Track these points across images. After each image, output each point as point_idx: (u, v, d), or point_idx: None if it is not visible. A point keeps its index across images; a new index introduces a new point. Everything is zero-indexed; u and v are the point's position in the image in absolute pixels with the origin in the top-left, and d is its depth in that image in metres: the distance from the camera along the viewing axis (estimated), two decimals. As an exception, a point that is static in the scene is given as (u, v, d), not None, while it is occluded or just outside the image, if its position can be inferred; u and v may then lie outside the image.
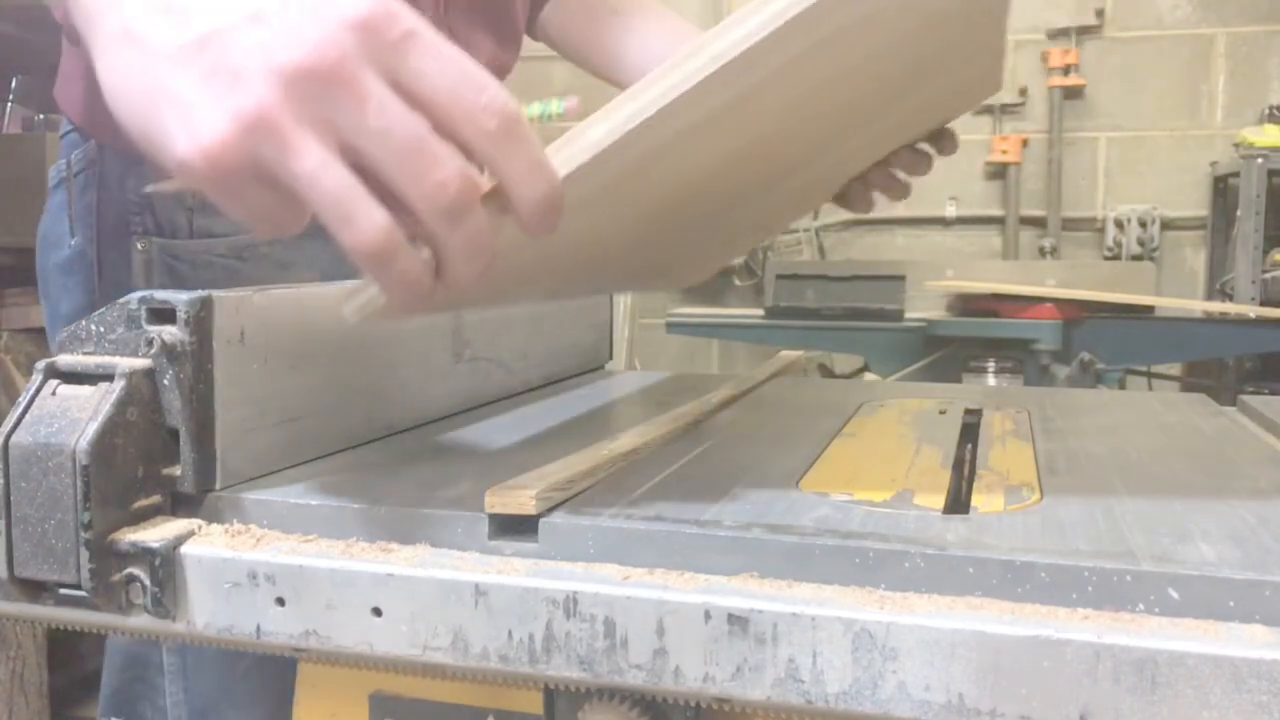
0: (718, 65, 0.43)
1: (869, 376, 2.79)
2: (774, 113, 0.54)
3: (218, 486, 0.49)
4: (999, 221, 3.99)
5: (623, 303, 3.88)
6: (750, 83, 0.47)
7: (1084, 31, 3.85)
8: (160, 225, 0.81)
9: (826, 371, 3.28)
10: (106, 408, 0.45)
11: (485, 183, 0.42)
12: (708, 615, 0.39)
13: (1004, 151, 3.92)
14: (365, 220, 0.40)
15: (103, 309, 0.48)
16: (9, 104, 2.45)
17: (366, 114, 0.39)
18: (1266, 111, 3.48)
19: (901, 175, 0.84)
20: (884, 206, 0.95)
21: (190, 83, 0.40)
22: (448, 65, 0.40)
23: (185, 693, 0.82)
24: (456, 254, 0.42)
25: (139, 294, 0.48)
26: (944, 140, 0.82)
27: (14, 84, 2.46)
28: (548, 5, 1.05)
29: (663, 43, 0.99)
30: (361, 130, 0.39)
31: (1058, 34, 3.87)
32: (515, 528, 0.45)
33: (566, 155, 0.43)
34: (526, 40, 1.00)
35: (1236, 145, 3.41)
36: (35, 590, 0.45)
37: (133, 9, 0.42)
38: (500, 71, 0.96)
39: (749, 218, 0.79)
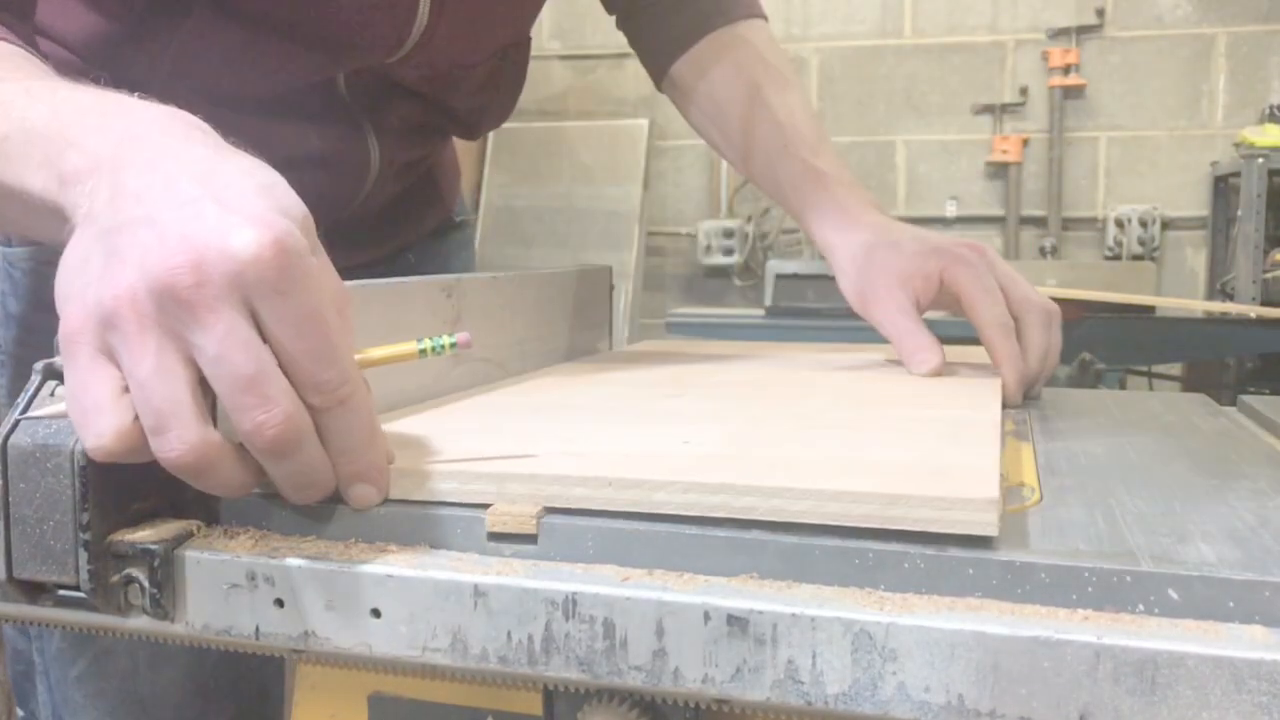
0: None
1: (869, 376, 2.78)
2: None
3: (217, 487, 0.49)
4: (999, 221, 4.00)
5: (623, 303, 3.88)
6: None
7: (1084, 31, 3.86)
8: None
9: (827, 371, 3.28)
10: (105, 408, 0.44)
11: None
12: (707, 616, 0.39)
13: (1004, 151, 3.92)
14: (175, 437, 0.41)
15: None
16: None
17: (209, 339, 0.41)
18: (1267, 111, 3.49)
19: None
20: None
21: (99, 259, 0.43)
22: (305, 330, 0.42)
23: (49, 693, 0.85)
24: (282, 485, 0.45)
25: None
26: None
27: None
28: (681, 63, 0.98)
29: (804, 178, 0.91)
30: (201, 352, 0.41)
31: (1058, 33, 3.88)
32: (514, 528, 0.45)
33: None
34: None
35: (1237, 145, 3.41)
36: (34, 591, 0.45)
37: (102, 198, 0.45)
38: None
39: None
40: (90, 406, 0.42)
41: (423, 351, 0.49)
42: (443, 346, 0.49)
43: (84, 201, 0.45)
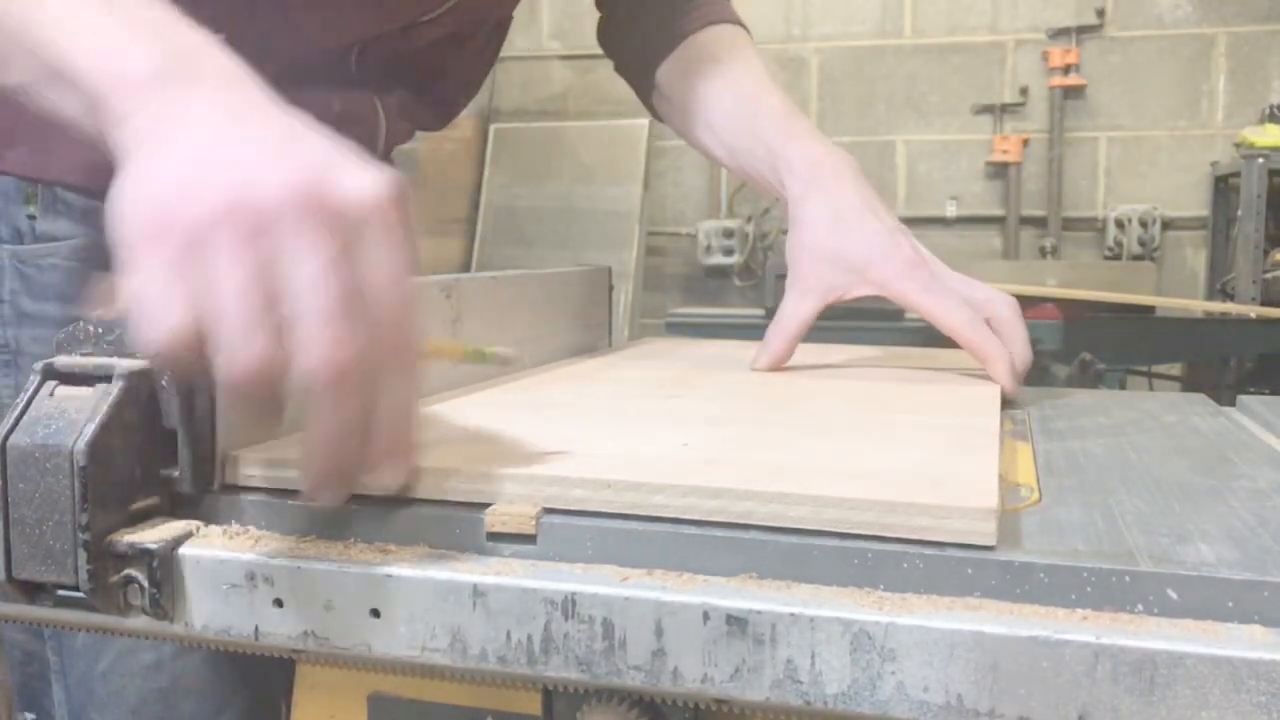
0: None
1: (869, 376, 2.78)
2: None
3: (215, 487, 0.49)
4: (999, 221, 4.00)
5: (623, 303, 3.88)
6: None
7: (1084, 31, 3.86)
8: (5, 232, 0.82)
9: (827, 371, 3.27)
10: (104, 409, 0.45)
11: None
12: (706, 616, 0.39)
13: (1004, 151, 3.92)
14: (252, 353, 0.40)
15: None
16: None
17: (308, 264, 0.40)
18: (1267, 111, 3.49)
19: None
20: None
21: (186, 171, 0.42)
22: (397, 279, 0.42)
23: (66, 692, 0.84)
24: (316, 442, 0.43)
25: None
26: None
27: None
28: (663, 66, 0.97)
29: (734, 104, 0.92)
30: (292, 278, 0.40)
31: (1058, 33, 3.88)
32: (514, 528, 0.45)
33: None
34: (525, 38, 0.99)
35: (1237, 145, 3.41)
36: (33, 591, 0.45)
37: (170, 125, 0.44)
38: None
39: None
40: (162, 302, 0.41)
41: (468, 352, 0.50)
42: (484, 356, 0.50)
43: (145, 123, 0.45)
